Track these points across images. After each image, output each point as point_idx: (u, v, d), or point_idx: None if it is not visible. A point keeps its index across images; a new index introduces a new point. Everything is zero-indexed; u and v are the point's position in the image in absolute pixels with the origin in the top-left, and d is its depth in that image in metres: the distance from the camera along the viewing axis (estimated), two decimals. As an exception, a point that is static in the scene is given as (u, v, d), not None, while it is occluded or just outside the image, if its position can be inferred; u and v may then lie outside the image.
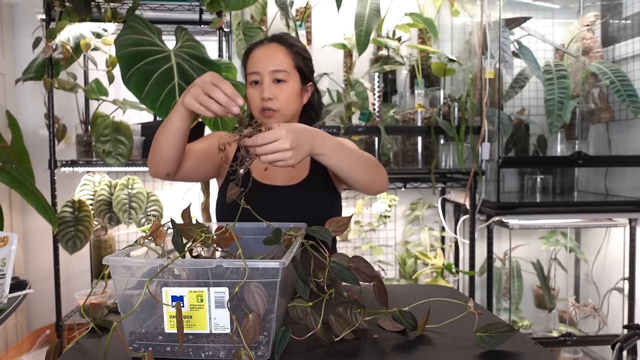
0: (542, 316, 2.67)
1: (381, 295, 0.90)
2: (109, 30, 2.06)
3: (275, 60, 1.27)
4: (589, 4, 2.65)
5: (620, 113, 2.52)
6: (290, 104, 1.28)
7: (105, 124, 2.13)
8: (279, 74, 1.27)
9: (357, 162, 1.11)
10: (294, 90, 1.29)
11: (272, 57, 1.28)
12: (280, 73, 1.27)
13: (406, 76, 2.74)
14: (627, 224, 2.35)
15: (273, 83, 1.27)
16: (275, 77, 1.27)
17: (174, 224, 0.82)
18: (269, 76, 1.26)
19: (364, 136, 2.51)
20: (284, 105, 1.27)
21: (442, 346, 0.81)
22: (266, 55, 1.29)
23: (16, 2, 2.58)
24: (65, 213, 2.18)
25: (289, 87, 1.28)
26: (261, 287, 0.74)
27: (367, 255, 2.74)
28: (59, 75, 2.13)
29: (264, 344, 0.75)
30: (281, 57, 1.28)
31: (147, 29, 1.90)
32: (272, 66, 1.27)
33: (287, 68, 1.28)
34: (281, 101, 1.27)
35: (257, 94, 1.27)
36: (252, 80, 1.29)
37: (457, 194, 2.65)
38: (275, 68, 1.27)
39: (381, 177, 1.21)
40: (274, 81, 1.27)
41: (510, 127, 2.36)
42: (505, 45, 2.26)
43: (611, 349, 1.05)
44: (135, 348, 0.77)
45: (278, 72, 1.27)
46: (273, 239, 0.92)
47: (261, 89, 1.26)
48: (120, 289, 0.77)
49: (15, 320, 2.50)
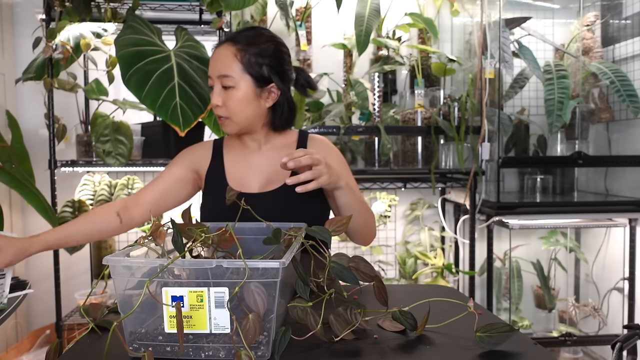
0: (542, 316, 2.66)
1: (381, 295, 0.90)
2: (109, 30, 2.06)
3: (222, 64, 1.20)
4: (589, 4, 2.65)
5: (620, 113, 2.52)
6: (241, 110, 1.21)
7: (105, 124, 2.13)
8: (225, 79, 1.19)
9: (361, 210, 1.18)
10: (245, 96, 1.20)
11: (220, 60, 1.20)
12: (226, 78, 1.19)
13: (406, 76, 2.74)
14: (627, 224, 2.35)
15: (223, 88, 1.20)
16: (222, 82, 1.20)
17: (173, 224, 0.82)
18: (218, 81, 1.20)
19: (364, 136, 2.51)
20: (234, 112, 1.21)
21: (442, 346, 0.81)
22: (215, 58, 1.22)
23: (16, 2, 2.58)
24: (65, 213, 2.18)
25: (236, 93, 1.19)
26: (261, 287, 0.74)
27: (367, 255, 2.74)
28: (59, 75, 2.13)
29: (264, 344, 0.75)
30: (228, 60, 1.19)
31: (147, 29, 1.90)
32: (219, 71, 1.20)
33: (232, 73, 1.19)
34: (230, 107, 1.20)
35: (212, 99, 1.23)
36: (210, 85, 1.23)
37: (457, 194, 2.65)
38: (221, 73, 1.19)
39: (371, 234, 1.26)
40: (223, 86, 1.20)
41: (510, 127, 2.36)
42: (505, 45, 2.26)
43: (611, 349, 1.05)
44: (135, 348, 0.77)
45: (224, 78, 1.19)
46: (273, 239, 0.92)
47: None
48: (120, 289, 0.77)
49: (15, 320, 2.50)
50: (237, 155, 1.32)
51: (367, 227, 1.24)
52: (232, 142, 1.35)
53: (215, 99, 1.20)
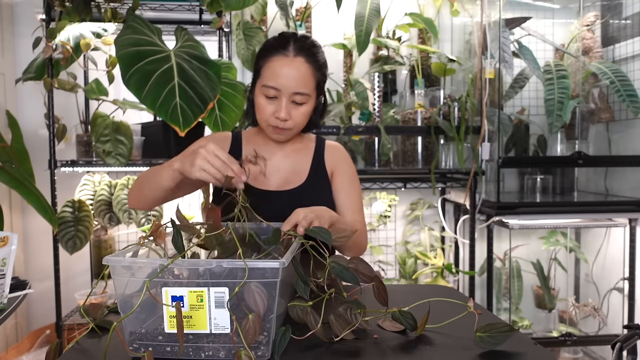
0: (542, 316, 2.66)
1: (381, 296, 0.89)
2: (109, 30, 2.06)
3: (299, 82, 1.17)
4: (589, 4, 2.65)
5: (620, 113, 2.52)
6: (304, 122, 1.24)
7: (105, 124, 2.13)
8: (300, 97, 1.18)
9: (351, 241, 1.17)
10: (311, 111, 1.23)
11: (296, 76, 1.17)
12: (302, 96, 1.18)
13: (406, 76, 2.74)
14: (627, 224, 2.35)
15: (291, 103, 1.19)
16: (294, 99, 1.18)
17: (173, 224, 0.82)
18: (288, 97, 1.18)
19: (364, 136, 2.51)
20: (298, 125, 1.23)
21: (442, 346, 0.81)
22: (290, 74, 1.16)
23: (16, 2, 2.58)
24: (65, 213, 2.18)
25: (306, 108, 1.21)
26: (261, 287, 0.74)
27: (367, 255, 2.74)
28: (59, 75, 2.13)
29: (264, 344, 0.75)
30: (306, 78, 1.18)
31: (147, 29, 1.89)
32: (295, 87, 1.17)
33: (309, 91, 1.19)
34: (296, 121, 1.21)
35: (270, 107, 1.19)
36: (268, 95, 1.19)
37: (457, 194, 2.65)
38: (297, 90, 1.17)
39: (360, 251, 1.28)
40: (293, 101, 1.19)
41: (510, 127, 2.36)
42: (505, 45, 2.26)
43: (611, 349, 1.05)
44: (135, 348, 0.77)
45: (299, 95, 1.18)
46: (273, 239, 0.92)
47: (277, 105, 1.18)
48: (120, 289, 0.77)
49: (15, 320, 2.50)
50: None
51: (356, 247, 1.27)
52: (254, 137, 1.35)
53: (284, 114, 1.18)
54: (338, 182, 1.32)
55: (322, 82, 1.25)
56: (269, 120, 1.21)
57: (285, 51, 1.18)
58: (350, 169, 1.35)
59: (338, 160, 1.34)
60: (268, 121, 1.21)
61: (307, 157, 1.33)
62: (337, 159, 1.34)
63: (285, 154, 1.32)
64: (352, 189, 1.32)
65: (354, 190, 1.33)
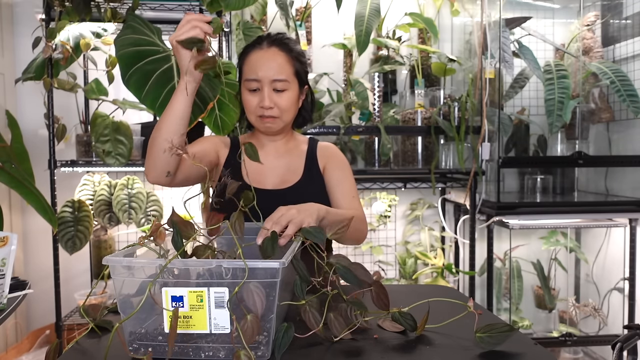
0: (542, 316, 2.66)
1: (381, 300, 0.88)
2: (108, 30, 2.06)
3: (276, 69, 1.24)
4: (589, 4, 2.65)
5: (620, 113, 2.52)
6: (289, 111, 1.28)
7: (105, 124, 2.13)
8: (280, 83, 1.24)
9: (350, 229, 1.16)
10: (293, 97, 1.28)
11: (273, 64, 1.24)
12: (281, 82, 1.24)
13: (406, 76, 2.74)
14: (627, 224, 2.35)
15: (273, 91, 1.24)
16: (275, 86, 1.24)
17: (174, 225, 0.82)
18: (269, 85, 1.24)
19: (364, 136, 2.51)
20: (284, 113, 1.27)
21: (442, 346, 0.81)
22: (266, 63, 1.24)
23: (16, 2, 2.58)
24: (65, 213, 2.18)
25: (288, 95, 1.26)
26: (260, 288, 0.74)
27: (367, 255, 2.74)
28: (59, 75, 2.12)
29: (263, 344, 0.75)
30: (282, 64, 1.24)
31: (147, 29, 1.89)
32: (273, 75, 1.23)
33: (287, 77, 1.25)
34: (281, 108, 1.25)
35: (254, 99, 1.25)
36: (250, 88, 1.25)
37: (457, 194, 2.65)
38: (276, 77, 1.23)
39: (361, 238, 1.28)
40: (274, 89, 1.24)
41: (510, 127, 2.36)
42: (506, 45, 2.26)
43: (611, 349, 1.05)
44: (135, 348, 0.77)
45: (278, 82, 1.24)
46: (270, 240, 0.91)
47: (260, 96, 1.24)
48: (120, 289, 0.77)
49: (15, 320, 2.50)
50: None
51: (356, 232, 1.26)
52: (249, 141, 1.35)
53: (267, 102, 1.23)
54: (330, 173, 1.35)
55: (302, 71, 1.30)
56: (255, 111, 1.26)
57: (260, 45, 1.27)
58: (341, 160, 1.38)
59: (329, 156, 1.38)
60: (255, 113, 1.26)
61: (300, 156, 1.37)
62: (328, 154, 1.38)
63: (279, 154, 1.36)
64: (344, 177, 1.34)
65: (347, 178, 1.35)
